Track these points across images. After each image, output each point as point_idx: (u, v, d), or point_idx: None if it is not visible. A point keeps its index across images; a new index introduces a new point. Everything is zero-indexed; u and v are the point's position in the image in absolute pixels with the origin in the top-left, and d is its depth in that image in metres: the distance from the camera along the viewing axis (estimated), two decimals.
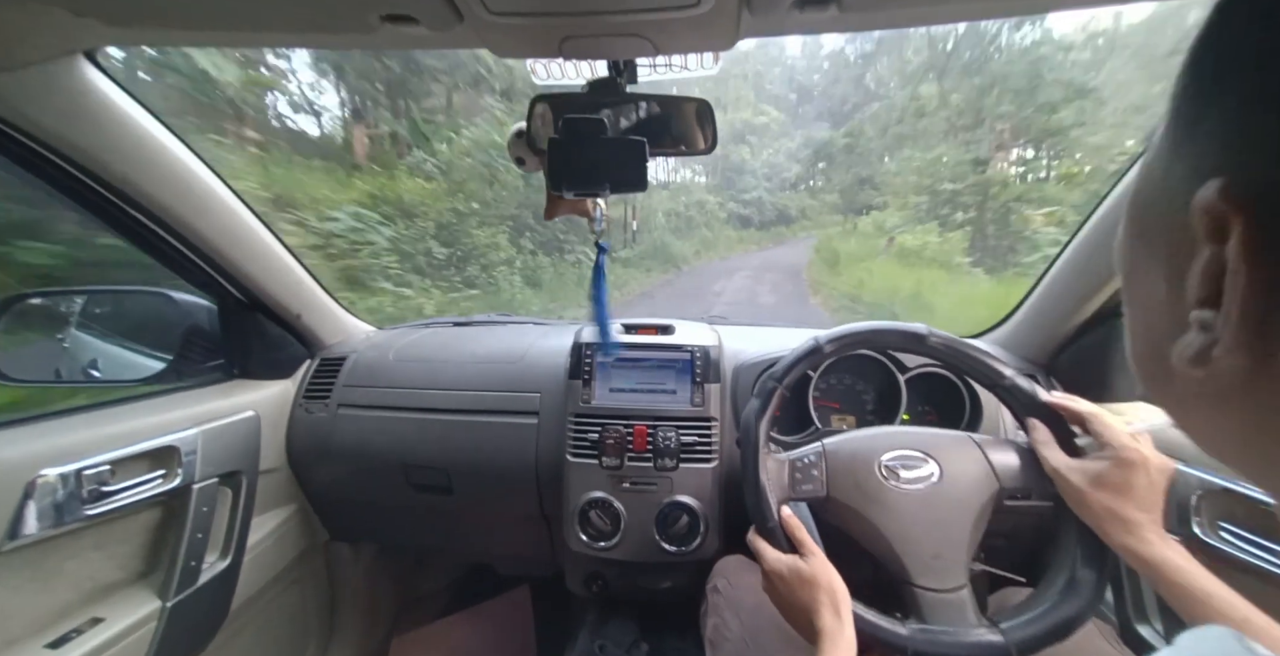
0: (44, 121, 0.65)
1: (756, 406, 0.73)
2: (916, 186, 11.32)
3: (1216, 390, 0.22)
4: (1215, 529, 0.69)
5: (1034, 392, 0.68)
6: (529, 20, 0.49)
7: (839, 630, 0.56)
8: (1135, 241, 0.26)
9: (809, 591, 0.60)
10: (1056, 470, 0.62)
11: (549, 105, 0.65)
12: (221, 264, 0.92)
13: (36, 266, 2.04)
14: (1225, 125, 0.20)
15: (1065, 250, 0.95)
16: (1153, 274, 0.24)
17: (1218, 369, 0.20)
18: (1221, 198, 0.19)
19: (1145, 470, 0.57)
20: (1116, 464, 0.58)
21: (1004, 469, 0.68)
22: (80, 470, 0.71)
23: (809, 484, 0.71)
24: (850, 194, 17.45)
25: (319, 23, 0.54)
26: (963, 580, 0.64)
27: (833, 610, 0.58)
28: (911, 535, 0.66)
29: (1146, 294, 0.25)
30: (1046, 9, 0.56)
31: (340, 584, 1.29)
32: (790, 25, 0.52)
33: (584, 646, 1.13)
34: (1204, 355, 0.21)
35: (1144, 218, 0.25)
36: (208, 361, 1.03)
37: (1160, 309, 0.24)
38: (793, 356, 0.75)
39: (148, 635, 0.78)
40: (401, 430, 1.06)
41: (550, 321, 1.41)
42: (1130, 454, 0.58)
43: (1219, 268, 0.19)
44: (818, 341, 0.74)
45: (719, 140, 0.67)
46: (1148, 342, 0.25)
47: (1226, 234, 0.19)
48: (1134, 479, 0.57)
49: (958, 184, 9.69)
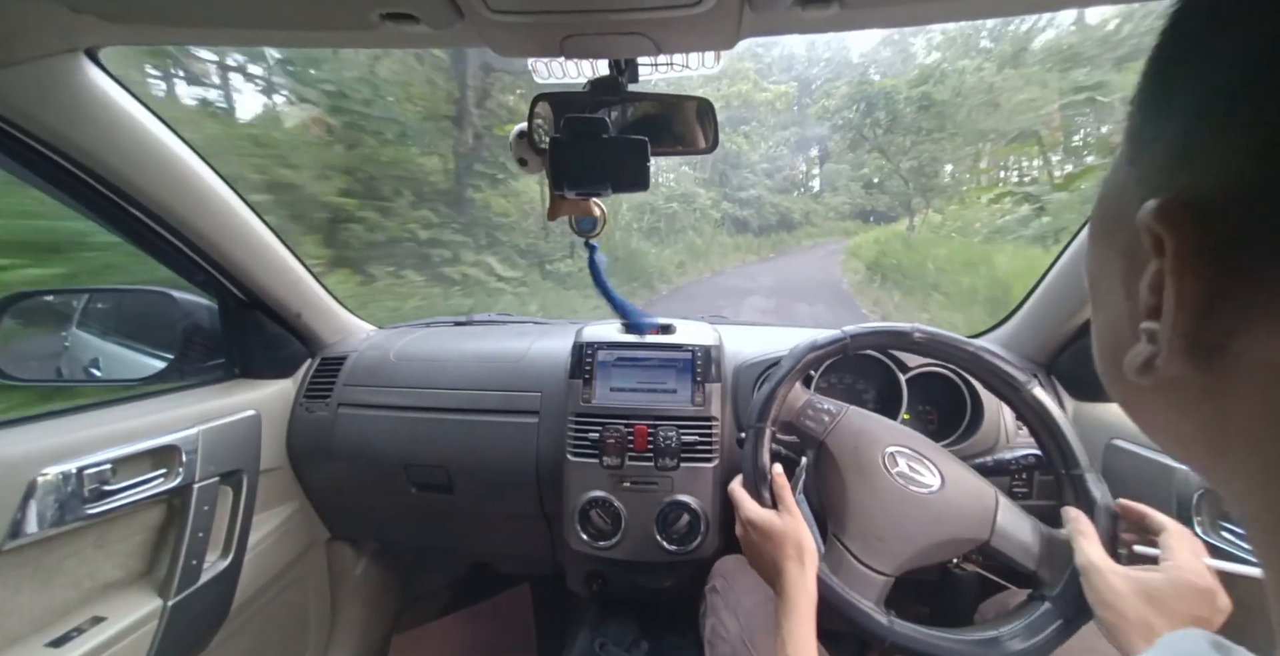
0: (44, 119, 0.65)
1: (788, 367, 0.74)
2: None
3: (1172, 397, 0.22)
4: (1216, 528, 0.69)
5: (1101, 494, 0.65)
6: (530, 18, 0.49)
7: (801, 584, 0.59)
8: (1097, 248, 0.26)
9: (779, 544, 0.62)
10: (1094, 566, 0.57)
11: (550, 104, 0.65)
12: (221, 262, 0.92)
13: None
14: (1170, 140, 0.20)
15: (1066, 250, 0.95)
16: (1113, 281, 0.24)
17: (1161, 378, 0.21)
18: (1155, 217, 0.19)
19: (1208, 603, 0.53)
20: (1176, 583, 0.53)
21: (1004, 532, 0.66)
22: (81, 469, 0.71)
23: (814, 422, 0.73)
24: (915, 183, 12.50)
25: (319, 21, 0.54)
26: (887, 571, 0.65)
27: (798, 564, 0.60)
28: (872, 512, 0.67)
29: (1108, 300, 0.25)
30: (1047, 9, 0.56)
31: (341, 582, 1.29)
32: (792, 24, 0.52)
33: (584, 645, 1.13)
34: (1149, 365, 0.21)
35: (1104, 226, 0.25)
36: (208, 360, 1.03)
37: (1118, 317, 0.24)
38: (880, 326, 0.76)
39: (149, 634, 0.78)
40: (402, 429, 1.06)
41: (551, 321, 1.41)
42: (1197, 580, 0.53)
43: (1162, 280, 0.20)
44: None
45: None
46: (1110, 348, 0.25)
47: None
48: (1190, 607, 0.52)
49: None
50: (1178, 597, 0.53)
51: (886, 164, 13.69)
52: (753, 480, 0.69)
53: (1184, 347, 0.20)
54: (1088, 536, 0.61)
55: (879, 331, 0.75)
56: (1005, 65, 10.01)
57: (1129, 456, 0.82)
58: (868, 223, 16.72)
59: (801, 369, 0.74)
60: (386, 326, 1.35)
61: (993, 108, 9.90)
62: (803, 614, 0.57)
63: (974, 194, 10.52)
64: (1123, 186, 0.23)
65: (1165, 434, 0.25)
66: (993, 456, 0.83)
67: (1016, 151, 9.88)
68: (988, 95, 10.07)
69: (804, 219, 19.43)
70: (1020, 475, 0.91)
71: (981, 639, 0.60)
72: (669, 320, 1.10)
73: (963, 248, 7.81)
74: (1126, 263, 0.23)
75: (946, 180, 12.39)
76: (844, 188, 18.60)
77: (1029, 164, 9.99)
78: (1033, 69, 9.22)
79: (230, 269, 0.94)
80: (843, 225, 17.54)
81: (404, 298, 4.91)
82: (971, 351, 0.73)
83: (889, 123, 12.57)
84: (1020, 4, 0.53)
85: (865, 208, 17.73)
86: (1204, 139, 0.19)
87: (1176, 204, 0.19)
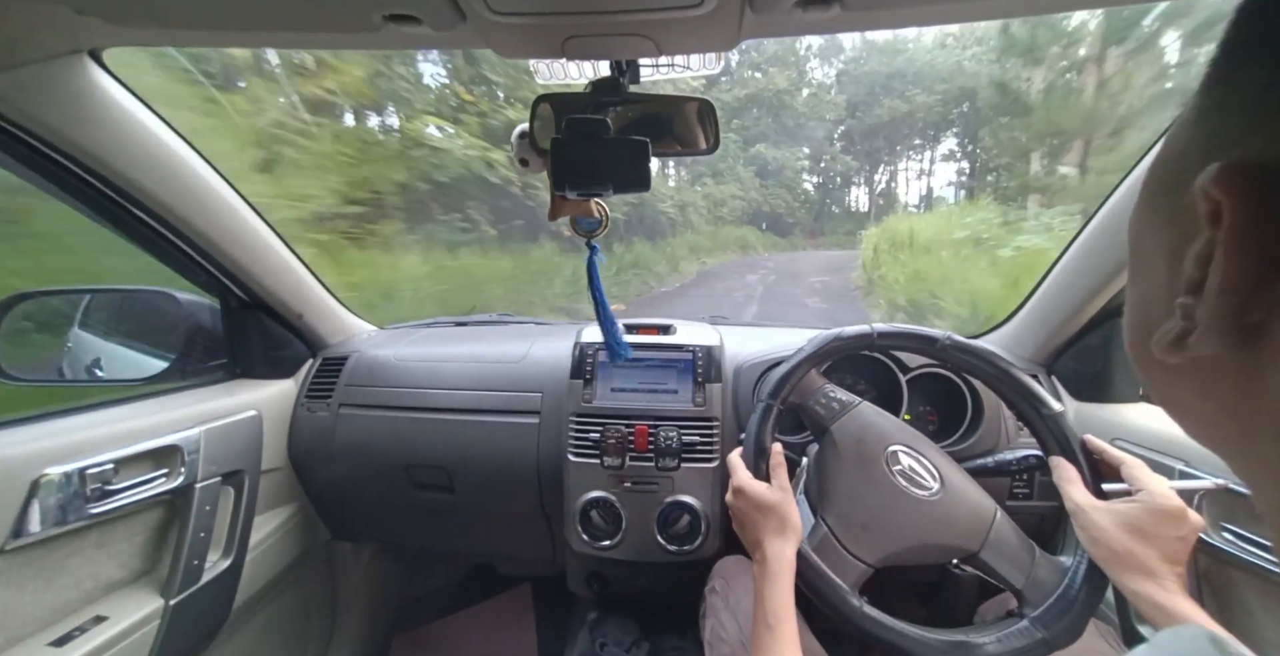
0: (48, 120, 0.65)
1: (810, 351, 0.74)
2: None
3: (1201, 378, 0.21)
4: (1217, 529, 0.69)
5: (1072, 432, 0.67)
6: (532, 20, 0.49)
7: (782, 553, 0.61)
8: (1145, 215, 0.24)
9: (764, 514, 0.64)
10: (1079, 506, 0.61)
11: (551, 105, 0.65)
12: (224, 263, 0.92)
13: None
14: (1245, 99, 0.19)
15: (1068, 250, 0.95)
16: (1156, 252, 0.23)
17: (1191, 356, 0.20)
18: (1216, 180, 0.18)
19: (1180, 523, 0.56)
20: (1150, 510, 0.57)
21: (996, 547, 0.66)
22: (84, 469, 0.71)
23: (824, 408, 0.74)
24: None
25: (322, 22, 0.54)
26: (867, 560, 0.65)
27: (780, 535, 0.62)
28: (864, 501, 0.68)
29: (1148, 272, 0.24)
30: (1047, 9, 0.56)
31: (342, 583, 1.29)
32: (793, 25, 0.52)
33: (584, 645, 1.13)
34: (1180, 342, 0.20)
35: (1156, 191, 0.23)
36: (210, 361, 1.03)
37: (1157, 291, 0.23)
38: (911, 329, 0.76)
39: (150, 633, 0.78)
40: (403, 430, 1.07)
41: (552, 321, 1.41)
42: (1167, 502, 0.56)
43: (1212, 252, 0.19)
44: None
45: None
46: (1141, 325, 0.24)
47: (1222, 218, 0.18)
48: (1165, 529, 0.55)
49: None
50: (1155, 523, 0.56)
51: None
52: (752, 453, 0.70)
53: (1222, 326, 0.19)
54: (1072, 481, 0.64)
55: (908, 334, 0.75)
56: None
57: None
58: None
59: (822, 355, 0.75)
60: (387, 326, 1.35)
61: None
62: (782, 583, 0.59)
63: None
64: (1184, 149, 0.21)
65: (1190, 416, 0.24)
66: (993, 457, 0.83)
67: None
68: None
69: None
70: (1021, 476, 0.91)
71: (950, 640, 0.60)
72: (669, 321, 1.10)
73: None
74: (1176, 232, 0.21)
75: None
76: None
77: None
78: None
79: (232, 269, 0.94)
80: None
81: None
82: (1001, 368, 0.72)
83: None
84: (1022, 5, 0.53)
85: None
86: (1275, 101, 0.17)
87: (1241, 167, 0.18)
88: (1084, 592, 0.61)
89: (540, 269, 6.73)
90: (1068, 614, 0.60)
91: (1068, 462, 0.66)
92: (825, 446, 0.73)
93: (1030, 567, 0.65)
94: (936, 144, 27.75)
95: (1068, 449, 0.67)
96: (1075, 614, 0.60)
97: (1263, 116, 0.18)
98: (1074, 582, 0.62)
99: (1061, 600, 0.61)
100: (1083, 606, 0.60)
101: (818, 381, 0.76)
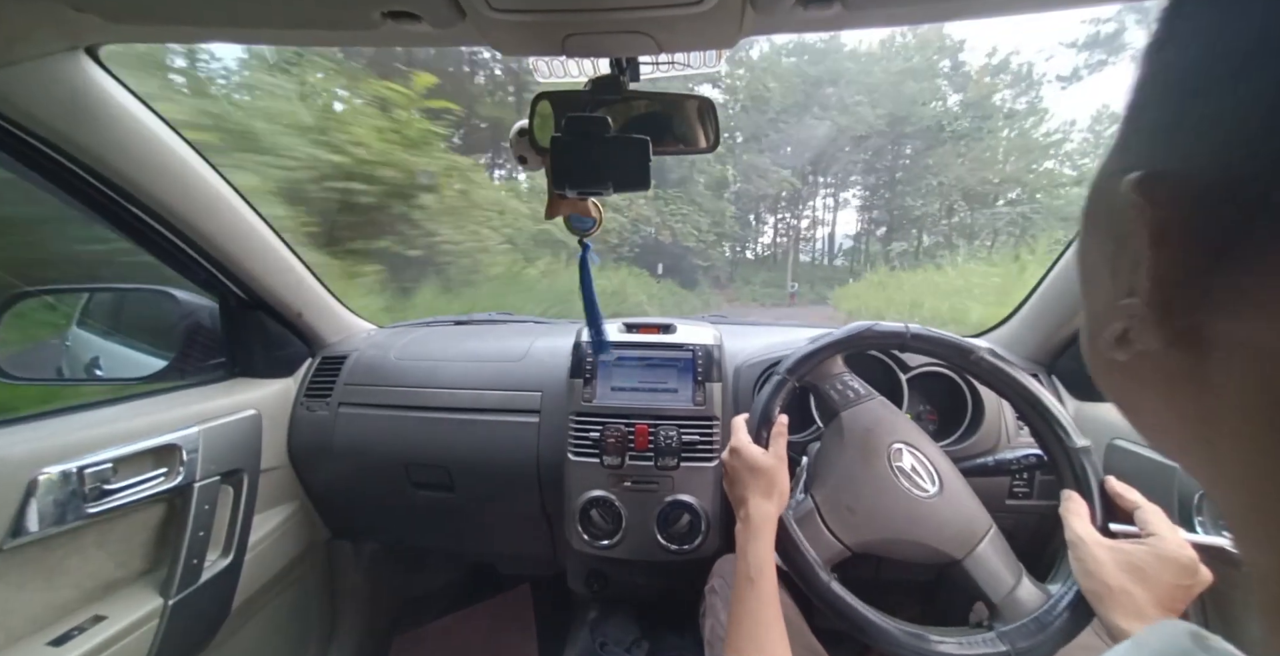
0: (45, 118, 0.65)
1: (840, 336, 0.75)
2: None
3: (1152, 379, 0.22)
4: (1218, 528, 0.69)
5: (1095, 468, 0.66)
6: (532, 17, 0.49)
7: (766, 513, 0.63)
8: (1087, 237, 0.26)
9: (755, 476, 0.66)
10: (1080, 537, 0.60)
11: (551, 103, 0.65)
12: (223, 262, 0.92)
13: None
14: (1158, 120, 0.21)
15: (1067, 251, 0.95)
16: (1101, 266, 0.24)
17: (1140, 357, 0.22)
18: (1136, 187, 0.20)
19: (1187, 574, 0.55)
20: (1156, 555, 0.56)
21: (980, 560, 0.66)
22: (82, 468, 0.71)
23: (838, 394, 0.74)
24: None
25: (321, 19, 0.53)
26: (846, 541, 0.66)
27: (766, 497, 0.64)
28: (855, 486, 0.68)
29: (1097, 288, 0.25)
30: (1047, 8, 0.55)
31: (341, 582, 1.29)
32: (794, 23, 0.52)
33: (585, 645, 1.13)
34: (1124, 338, 0.22)
35: (1095, 212, 0.25)
36: (209, 359, 1.03)
37: (1105, 301, 0.24)
38: (943, 335, 0.76)
39: (149, 633, 0.78)
40: (403, 429, 1.06)
41: (551, 320, 1.41)
42: (1178, 551, 0.56)
43: (1143, 255, 0.20)
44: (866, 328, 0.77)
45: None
46: (1096, 334, 0.25)
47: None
48: (1167, 576, 0.54)
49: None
50: (1158, 568, 0.56)
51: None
52: (756, 420, 0.71)
53: (1158, 318, 0.20)
54: (1078, 514, 0.63)
55: (942, 341, 0.75)
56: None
57: (1130, 456, 0.82)
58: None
59: (850, 343, 0.75)
60: (387, 325, 1.35)
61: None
62: (765, 539, 0.61)
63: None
64: (1113, 172, 0.23)
65: (1150, 423, 0.25)
66: (994, 456, 0.83)
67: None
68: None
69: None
70: (1021, 475, 0.91)
71: (911, 632, 0.60)
72: (669, 319, 1.10)
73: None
74: (1113, 246, 0.23)
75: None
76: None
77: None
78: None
79: (231, 268, 0.94)
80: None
81: None
82: (1034, 395, 0.70)
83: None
84: (1022, 4, 0.53)
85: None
86: (1190, 119, 0.20)
87: (1157, 175, 0.20)
88: (1063, 620, 0.59)
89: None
90: (1039, 635, 0.59)
91: (1079, 497, 0.65)
92: (830, 432, 0.73)
93: (1012, 588, 0.64)
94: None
95: (1084, 484, 0.66)
96: (1047, 637, 0.59)
97: (1167, 141, 0.21)
98: (1055, 608, 0.60)
99: (1036, 622, 0.60)
100: (1057, 632, 0.59)
101: (838, 367, 0.77)
